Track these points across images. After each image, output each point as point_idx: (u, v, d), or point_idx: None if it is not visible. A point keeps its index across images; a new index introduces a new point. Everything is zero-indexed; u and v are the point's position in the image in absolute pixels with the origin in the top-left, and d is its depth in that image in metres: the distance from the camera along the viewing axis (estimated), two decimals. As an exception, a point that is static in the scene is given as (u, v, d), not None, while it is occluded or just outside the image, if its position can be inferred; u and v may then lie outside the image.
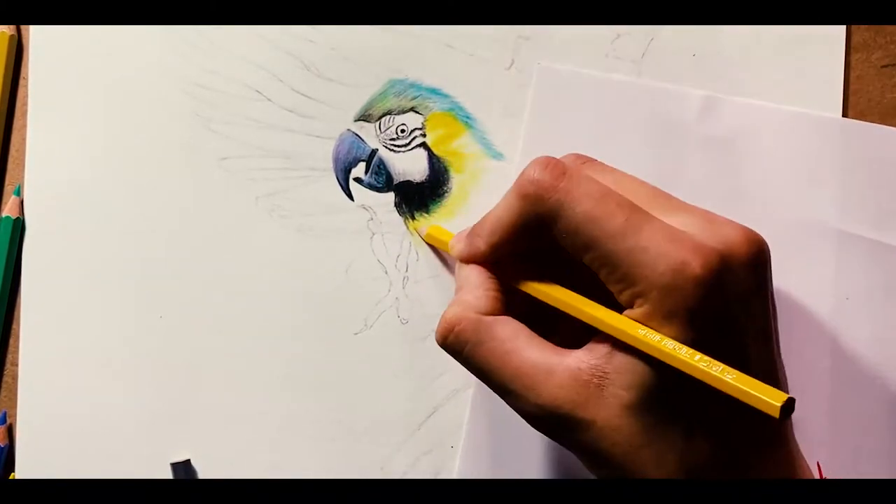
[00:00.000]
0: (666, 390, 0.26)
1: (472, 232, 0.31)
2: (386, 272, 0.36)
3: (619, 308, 0.27)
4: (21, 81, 0.37)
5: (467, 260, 0.31)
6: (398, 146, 0.36)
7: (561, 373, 0.27)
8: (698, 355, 0.25)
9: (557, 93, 0.35)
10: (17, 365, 0.36)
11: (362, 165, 0.36)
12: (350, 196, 0.36)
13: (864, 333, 0.34)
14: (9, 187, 0.36)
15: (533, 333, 0.29)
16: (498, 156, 0.36)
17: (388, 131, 0.36)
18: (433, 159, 0.36)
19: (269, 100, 0.36)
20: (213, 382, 0.36)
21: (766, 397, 0.23)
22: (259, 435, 0.36)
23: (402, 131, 0.36)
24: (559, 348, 0.28)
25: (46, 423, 0.36)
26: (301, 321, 0.36)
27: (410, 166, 0.36)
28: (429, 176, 0.36)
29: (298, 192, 0.36)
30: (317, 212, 0.36)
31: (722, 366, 0.24)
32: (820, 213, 0.34)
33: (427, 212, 0.36)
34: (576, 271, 0.28)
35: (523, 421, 0.29)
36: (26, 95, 0.36)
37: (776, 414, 0.23)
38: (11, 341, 0.36)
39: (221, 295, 0.36)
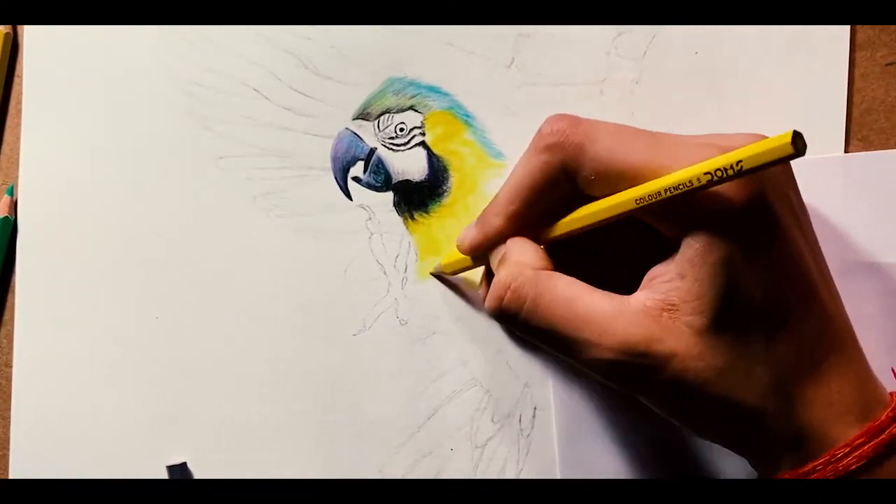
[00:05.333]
0: (737, 304, 0.26)
1: (483, 215, 0.31)
2: (385, 272, 0.36)
3: (652, 249, 0.27)
4: (15, 80, 0.36)
5: (483, 243, 0.31)
6: (397, 145, 0.36)
7: (630, 312, 0.27)
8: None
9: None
10: (11, 366, 0.35)
11: (361, 164, 0.36)
12: (348, 195, 0.36)
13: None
14: (2, 186, 0.36)
15: (588, 285, 0.28)
16: (498, 154, 0.36)
17: (386, 130, 0.36)
18: (432, 158, 0.36)
19: (267, 98, 0.36)
20: (210, 384, 0.35)
21: (777, 140, 0.23)
22: (256, 437, 0.35)
23: (401, 130, 0.36)
24: (617, 295, 0.28)
25: (41, 425, 0.35)
26: (299, 322, 0.35)
27: (409, 165, 0.36)
28: (428, 175, 0.36)
29: (296, 192, 0.36)
30: (315, 211, 0.36)
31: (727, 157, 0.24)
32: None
33: (426, 211, 0.36)
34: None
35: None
36: (21, 94, 0.36)
37: (789, 142, 0.23)
38: (5, 343, 0.36)
39: (218, 295, 0.35)
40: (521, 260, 0.29)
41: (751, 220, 0.26)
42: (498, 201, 0.30)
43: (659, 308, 0.27)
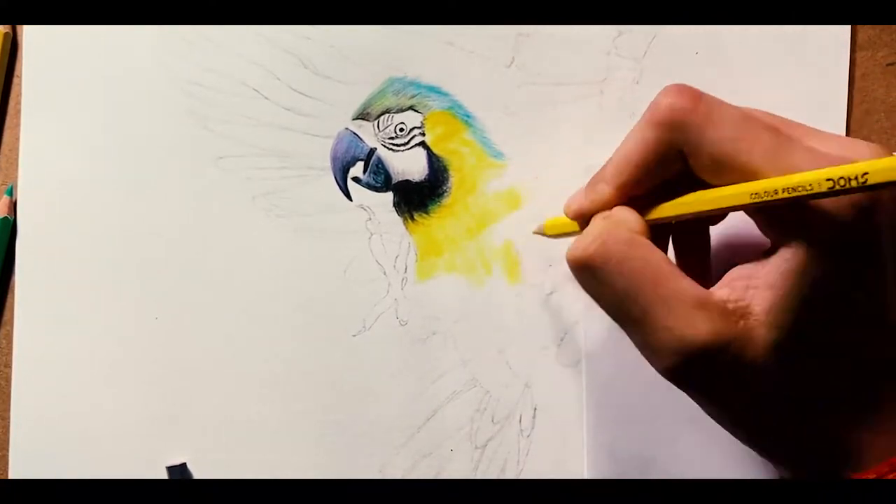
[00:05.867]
0: (817, 329, 0.25)
1: (593, 181, 0.29)
2: (384, 273, 0.35)
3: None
4: (15, 80, 0.36)
5: (590, 209, 0.29)
6: (397, 145, 0.36)
7: (712, 308, 0.25)
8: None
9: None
10: (10, 367, 0.35)
11: (360, 165, 0.36)
12: (348, 196, 0.36)
13: None
14: (2, 186, 0.36)
15: (678, 268, 0.27)
16: (498, 154, 0.36)
17: (386, 130, 0.36)
18: (432, 158, 0.36)
19: (267, 98, 0.36)
20: (209, 384, 0.35)
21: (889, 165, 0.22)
22: (256, 438, 0.35)
23: (401, 130, 0.36)
24: (702, 287, 0.26)
25: (40, 425, 0.35)
26: (299, 322, 0.35)
27: (409, 165, 0.36)
28: (428, 175, 0.36)
29: (296, 192, 0.36)
30: (314, 211, 0.36)
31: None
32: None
33: (426, 211, 0.36)
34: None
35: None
36: (20, 94, 0.36)
37: None
38: (5, 343, 0.36)
39: (218, 296, 0.35)
40: (621, 219, 0.28)
41: (857, 243, 0.25)
42: (608, 169, 0.28)
43: (739, 312, 0.26)
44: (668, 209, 0.28)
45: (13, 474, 0.35)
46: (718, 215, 0.27)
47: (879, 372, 0.26)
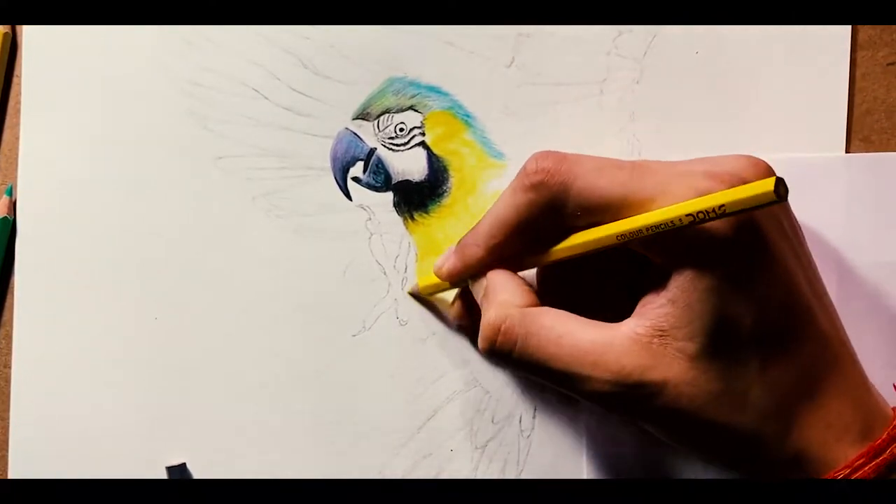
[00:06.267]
0: (728, 329, 0.26)
1: (463, 243, 0.31)
2: (384, 273, 0.35)
3: (644, 276, 0.27)
4: (14, 80, 0.36)
5: (462, 271, 0.31)
6: (397, 145, 0.36)
7: (620, 342, 0.27)
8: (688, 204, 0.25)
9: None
10: (10, 367, 0.35)
11: (360, 164, 0.36)
12: (348, 196, 0.36)
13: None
14: (1, 186, 0.36)
15: (577, 316, 0.28)
16: (498, 154, 0.36)
17: (386, 130, 0.36)
18: (432, 158, 0.36)
19: (266, 98, 0.36)
20: (209, 384, 0.35)
21: (760, 187, 0.23)
22: (256, 438, 0.35)
23: (401, 130, 0.36)
24: (607, 323, 0.28)
25: (40, 426, 0.35)
26: (298, 323, 0.35)
27: (409, 165, 0.36)
28: (428, 175, 0.36)
29: (295, 192, 0.36)
30: (314, 212, 0.36)
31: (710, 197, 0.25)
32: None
33: (426, 211, 0.36)
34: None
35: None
36: (20, 94, 0.36)
37: (772, 190, 0.23)
38: (4, 343, 0.36)
39: (217, 296, 0.35)
40: (505, 299, 0.29)
41: (740, 247, 0.26)
42: (478, 232, 0.30)
43: (649, 335, 0.27)
44: (547, 258, 0.29)
45: (13, 474, 0.35)
46: (608, 251, 0.28)
47: (808, 366, 0.27)
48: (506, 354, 0.29)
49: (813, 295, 0.28)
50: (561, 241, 0.29)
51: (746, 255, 0.26)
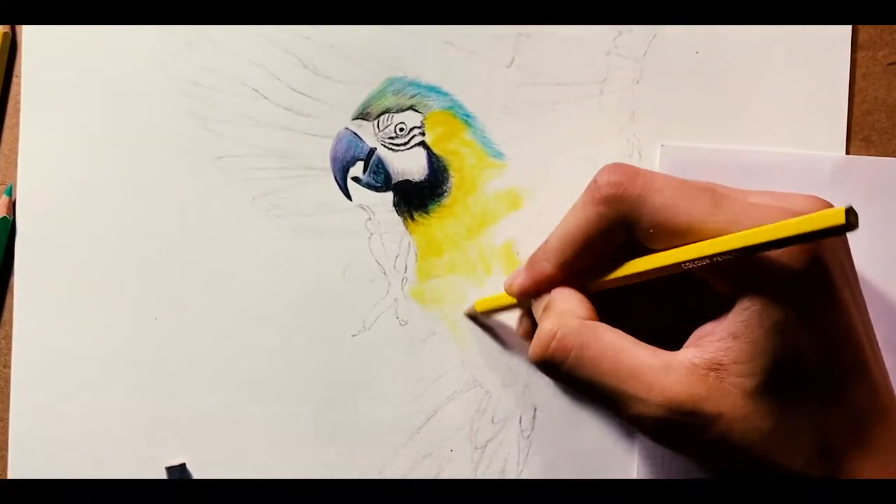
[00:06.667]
0: (789, 368, 0.26)
1: (533, 259, 0.30)
2: (384, 273, 0.35)
3: (701, 306, 0.27)
4: (14, 80, 0.36)
5: (532, 288, 0.30)
6: (397, 145, 0.36)
7: (677, 368, 0.26)
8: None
9: (682, 171, 0.34)
10: (9, 367, 0.35)
11: (360, 164, 0.36)
12: (348, 196, 0.36)
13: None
14: (1, 187, 0.36)
15: (634, 338, 0.28)
16: (498, 154, 0.36)
17: (386, 130, 0.36)
18: (432, 158, 0.36)
19: (266, 98, 0.36)
20: (209, 385, 0.35)
21: (832, 215, 0.23)
22: (256, 438, 0.35)
23: (401, 130, 0.36)
24: (664, 350, 0.27)
25: (39, 426, 0.35)
26: (298, 323, 0.35)
27: (409, 165, 0.36)
28: (428, 175, 0.36)
29: (295, 192, 0.36)
30: (314, 212, 0.36)
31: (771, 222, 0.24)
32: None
33: (426, 211, 0.35)
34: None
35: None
36: (19, 94, 0.36)
37: (843, 218, 0.22)
38: (3, 343, 0.36)
39: (217, 296, 0.35)
40: (566, 309, 0.29)
41: (808, 284, 0.26)
42: (549, 247, 0.30)
43: (706, 367, 0.26)
44: (612, 280, 0.29)
45: (12, 474, 0.35)
46: (671, 277, 0.28)
47: (861, 413, 0.27)
48: (557, 364, 0.28)
49: (868, 344, 0.27)
50: (625, 265, 0.28)
51: (814, 293, 0.26)
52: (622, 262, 0.28)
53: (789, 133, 0.35)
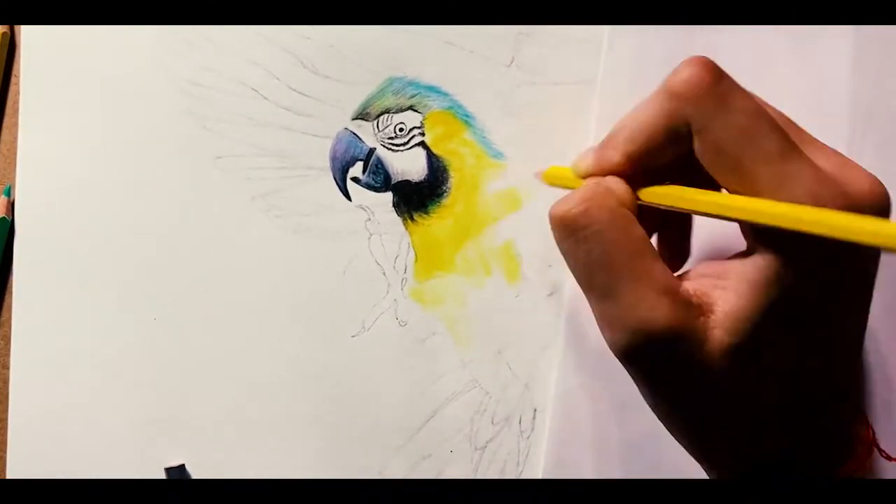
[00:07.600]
0: (770, 353, 0.25)
1: (604, 144, 0.28)
2: (384, 273, 0.35)
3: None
4: (13, 80, 0.36)
5: (597, 174, 0.28)
6: (396, 145, 0.36)
7: (679, 296, 0.25)
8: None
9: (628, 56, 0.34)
10: (8, 368, 0.35)
11: (360, 165, 0.36)
12: (347, 196, 0.36)
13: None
14: None
15: (655, 250, 0.27)
16: (498, 154, 0.36)
17: (386, 130, 0.35)
18: (432, 158, 0.36)
19: (266, 98, 0.36)
20: (208, 385, 0.35)
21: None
22: (255, 439, 0.35)
23: (401, 130, 0.35)
24: (673, 276, 0.26)
25: (38, 426, 0.35)
26: (298, 323, 0.35)
27: (409, 165, 0.35)
28: (427, 175, 0.36)
29: (295, 192, 0.35)
30: (313, 212, 0.35)
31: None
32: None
33: (426, 212, 0.35)
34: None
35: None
36: (18, 94, 0.36)
37: None
38: (2, 344, 0.36)
39: (216, 297, 0.35)
40: (610, 186, 0.27)
41: (833, 271, 0.25)
42: (617, 137, 0.28)
43: (702, 308, 0.25)
44: (660, 196, 0.27)
45: (11, 474, 0.35)
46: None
47: (817, 396, 0.26)
48: (572, 229, 0.26)
49: (857, 353, 0.27)
50: (681, 189, 0.26)
51: (833, 283, 0.25)
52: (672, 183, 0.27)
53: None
